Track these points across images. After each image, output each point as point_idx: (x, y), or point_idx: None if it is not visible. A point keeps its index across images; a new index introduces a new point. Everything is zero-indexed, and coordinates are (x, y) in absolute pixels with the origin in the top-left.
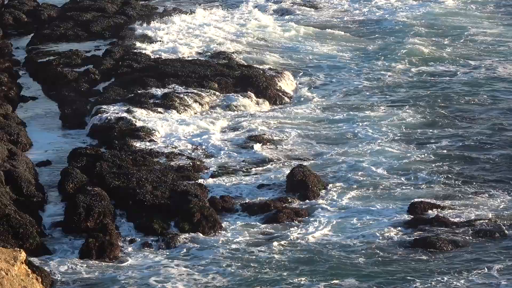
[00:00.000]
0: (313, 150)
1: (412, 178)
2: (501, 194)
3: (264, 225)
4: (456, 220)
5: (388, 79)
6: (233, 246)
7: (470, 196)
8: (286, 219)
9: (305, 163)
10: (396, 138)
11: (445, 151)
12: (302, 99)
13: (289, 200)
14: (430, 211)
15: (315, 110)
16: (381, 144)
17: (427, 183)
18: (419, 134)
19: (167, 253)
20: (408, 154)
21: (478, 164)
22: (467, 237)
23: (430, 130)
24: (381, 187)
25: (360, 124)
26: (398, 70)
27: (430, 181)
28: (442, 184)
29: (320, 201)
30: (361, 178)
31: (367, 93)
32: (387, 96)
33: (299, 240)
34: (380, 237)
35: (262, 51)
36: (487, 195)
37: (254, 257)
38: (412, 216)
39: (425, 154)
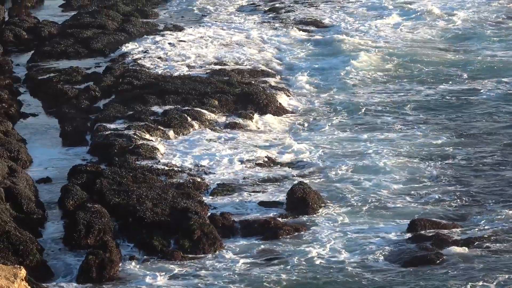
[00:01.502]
0: (315, 167)
1: (417, 196)
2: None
3: (263, 242)
4: (457, 238)
5: (401, 97)
6: (234, 264)
7: (475, 215)
8: (286, 237)
9: (307, 180)
10: (407, 156)
11: (454, 170)
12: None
13: (289, 218)
14: (430, 229)
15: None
16: (390, 161)
17: (432, 202)
18: (431, 152)
19: (168, 271)
20: (416, 173)
21: (488, 185)
22: (467, 254)
23: (441, 149)
24: (384, 205)
25: (370, 142)
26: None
27: (436, 200)
28: (447, 203)
29: (320, 218)
30: (365, 196)
31: (380, 111)
32: (400, 114)
33: (299, 258)
34: (380, 255)
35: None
36: (491, 214)
37: (253, 276)
38: (412, 234)
39: (433, 172)
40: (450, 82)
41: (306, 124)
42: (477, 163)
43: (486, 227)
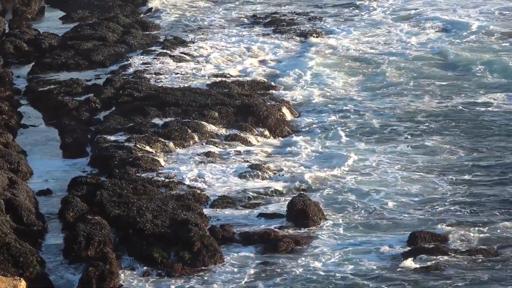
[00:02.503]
0: (319, 178)
1: (424, 209)
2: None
3: (263, 254)
4: (458, 250)
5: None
6: (234, 276)
7: (478, 227)
8: (286, 249)
9: (310, 192)
10: (415, 168)
11: (464, 182)
12: (305, 128)
13: (289, 229)
14: (431, 242)
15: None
16: (397, 174)
17: (438, 215)
18: (441, 164)
19: (168, 284)
20: (423, 186)
21: (496, 199)
22: (467, 267)
23: (452, 161)
24: (388, 217)
25: (378, 153)
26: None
27: (439, 212)
28: (452, 216)
29: (321, 230)
30: (368, 208)
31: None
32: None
33: (298, 270)
34: (380, 268)
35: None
36: (494, 227)
37: None
38: (412, 247)
39: (440, 185)
40: (463, 95)
41: (309, 135)
42: (488, 176)
43: (488, 240)
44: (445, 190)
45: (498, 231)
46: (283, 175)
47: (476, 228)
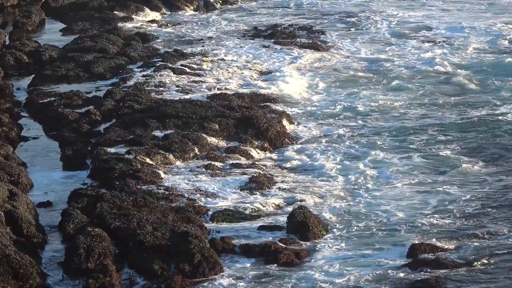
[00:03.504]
0: (322, 189)
1: (430, 222)
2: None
3: (263, 267)
4: (458, 262)
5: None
6: None
7: (483, 241)
8: (287, 261)
9: (308, 204)
10: (425, 180)
11: (475, 195)
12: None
13: (290, 242)
14: (431, 254)
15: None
16: (403, 185)
17: (442, 226)
18: (455, 177)
19: None
20: (431, 197)
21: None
22: (468, 280)
23: (466, 176)
24: (391, 229)
25: (386, 165)
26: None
27: (445, 225)
28: (458, 228)
29: (321, 243)
30: (369, 220)
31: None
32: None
33: (299, 283)
34: (380, 281)
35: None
36: (501, 240)
37: None
38: (411, 259)
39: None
40: (480, 108)
41: (310, 147)
42: (502, 188)
43: (493, 254)
44: (454, 202)
45: (504, 245)
46: (283, 188)
47: (481, 242)
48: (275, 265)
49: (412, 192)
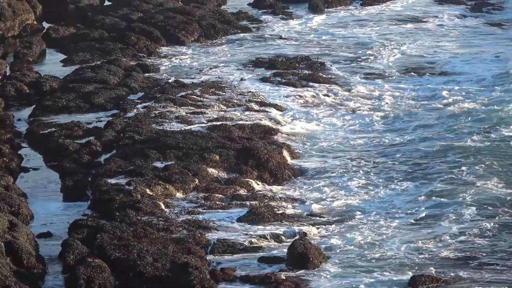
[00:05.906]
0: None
1: (437, 251)
2: None
3: None
4: None
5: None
6: None
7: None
8: None
9: (308, 235)
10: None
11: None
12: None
13: (290, 272)
14: (431, 285)
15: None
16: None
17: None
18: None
19: None
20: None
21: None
22: None
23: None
24: (389, 258)
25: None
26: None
27: (451, 254)
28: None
29: (322, 273)
30: (369, 250)
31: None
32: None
33: None
34: None
35: None
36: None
37: None
38: None
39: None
40: (496, 130)
41: (311, 179)
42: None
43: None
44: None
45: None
46: (284, 219)
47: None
48: None
49: (421, 217)
